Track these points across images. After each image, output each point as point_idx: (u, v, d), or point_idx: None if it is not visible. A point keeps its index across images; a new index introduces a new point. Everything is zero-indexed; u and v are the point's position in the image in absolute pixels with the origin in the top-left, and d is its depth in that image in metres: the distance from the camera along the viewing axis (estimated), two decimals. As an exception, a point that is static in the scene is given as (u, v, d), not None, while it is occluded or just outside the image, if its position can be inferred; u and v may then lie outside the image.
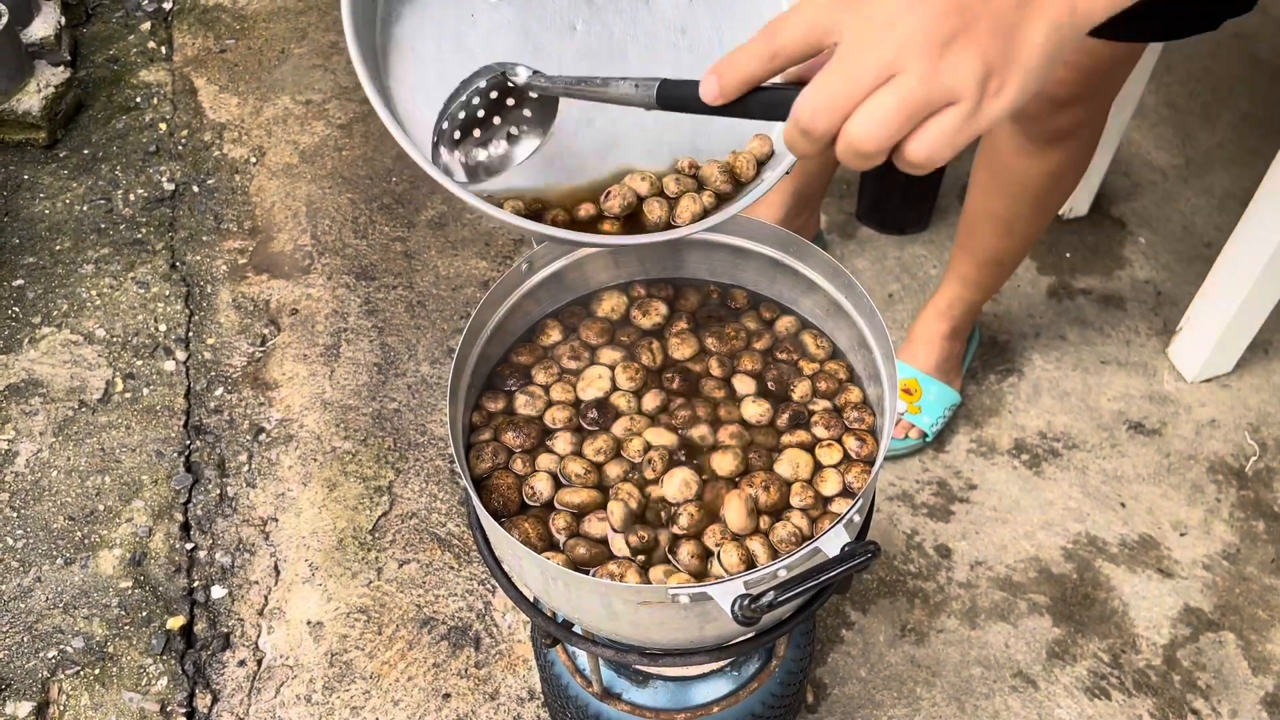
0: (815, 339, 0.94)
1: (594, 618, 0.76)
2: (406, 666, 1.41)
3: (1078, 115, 1.22)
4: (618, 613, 0.73)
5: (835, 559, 0.64)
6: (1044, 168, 1.30)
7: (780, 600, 0.62)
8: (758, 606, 0.62)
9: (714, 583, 0.67)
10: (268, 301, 1.81)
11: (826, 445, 0.85)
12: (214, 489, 1.58)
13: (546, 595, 0.77)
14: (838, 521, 0.70)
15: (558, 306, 0.97)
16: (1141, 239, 1.91)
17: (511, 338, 0.94)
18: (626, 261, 0.97)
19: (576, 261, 0.95)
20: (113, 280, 1.83)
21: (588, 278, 0.97)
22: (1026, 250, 1.47)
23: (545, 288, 0.94)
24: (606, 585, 0.70)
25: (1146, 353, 1.74)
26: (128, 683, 1.38)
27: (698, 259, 0.98)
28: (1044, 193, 1.34)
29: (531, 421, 0.88)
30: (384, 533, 1.53)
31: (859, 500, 0.73)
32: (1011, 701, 1.38)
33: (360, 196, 1.97)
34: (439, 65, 0.74)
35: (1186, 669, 1.41)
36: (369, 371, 1.72)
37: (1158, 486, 1.58)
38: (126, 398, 1.67)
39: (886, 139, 0.50)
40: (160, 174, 2.00)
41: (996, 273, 1.50)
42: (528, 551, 0.71)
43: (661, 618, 0.73)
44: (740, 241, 0.94)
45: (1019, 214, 1.38)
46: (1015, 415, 1.66)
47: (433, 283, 1.84)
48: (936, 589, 1.48)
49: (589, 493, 0.82)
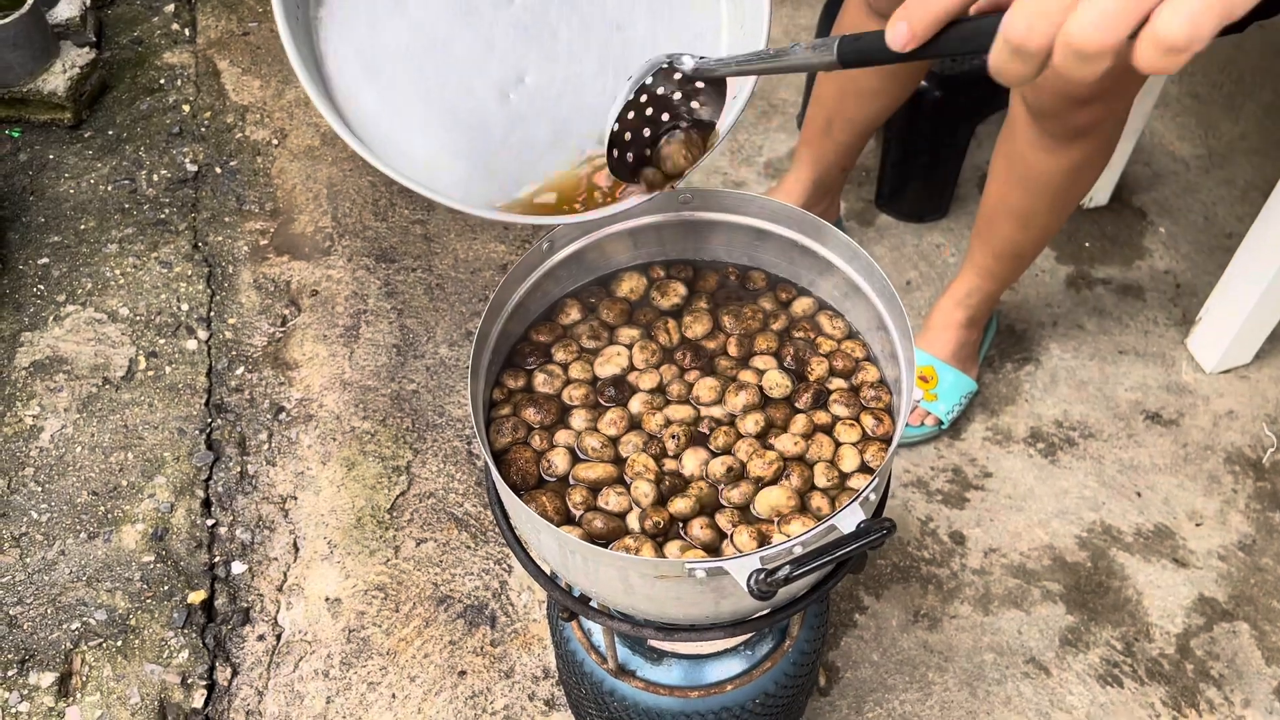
0: (831, 319, 0.94)
1: (610, 591, 0.77)
2: (423, 644, 1.43)
3: (1097, 113, 1.21)
4: (634, 586, 0.74)
5: (851, 535, 0.64)
6: (1062, 164, 1.29)
7: (796, 575, 0.62)
8: (773, 581, 0.63)
9: (730, 558, 0.68)
10: (288, 282, 1.83)
11: (845, 424, 0.86)
12: (235, 466, 1.60)
13: (564, 569, 0.78)
14: (854, 499, 0.71)
15: (577, 286, 0.98)
16: (1162, 229, 1.90)
17: (531, 316, 0.95)
18: (646, 242, 0.98)
19: (596, 242, 0.95)
20: (136, 260, 1.84)
21: (608, 258, 0.98)
22: (1045, 243, 1.47)
23: (565, 267, 0.95)
24: (624, 559, 0.71)
25: (1165, 343, 1.74)
26: (149, 655, 1.41)
27: (718, 240, 0.99)
28: (1062, 189, 1.33)
29: (550, 399, 0.89)
30: (402, 512, 1.55)
31: (875, 479, 0.73)
32: (1024, 688, 1.38)
33: (380, 179, 1.98)
34: (373, 31, 0.75)
35: (1200, 658, 1.41)
36: (388, 353, 1.73)
37: (1174, 476, 1.58)
38: (149, 376, 1.69)
39: (1119, 26, 0.44)
40: (183, 155, 2.01)
41: (1014, 265, 1.50)
42: (546, 524, 0.72)
43: (678, 592, 0.74)
44: (760, 223, 0.95)
45: (1037, 208, 1.38)
46: (1032, 404, 1.66)
47: (451, 266, 1.85)
48: (950, 575, 1.48)
49: (605, 467, 0.83)
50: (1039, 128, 1.27)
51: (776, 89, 2.16)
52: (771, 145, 2.05)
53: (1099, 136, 1.26)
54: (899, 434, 0.77)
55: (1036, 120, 1.26)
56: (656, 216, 0.95)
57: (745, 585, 0.66)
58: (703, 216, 0.96)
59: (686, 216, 0.96)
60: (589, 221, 0.87)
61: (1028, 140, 1.30)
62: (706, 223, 0.97)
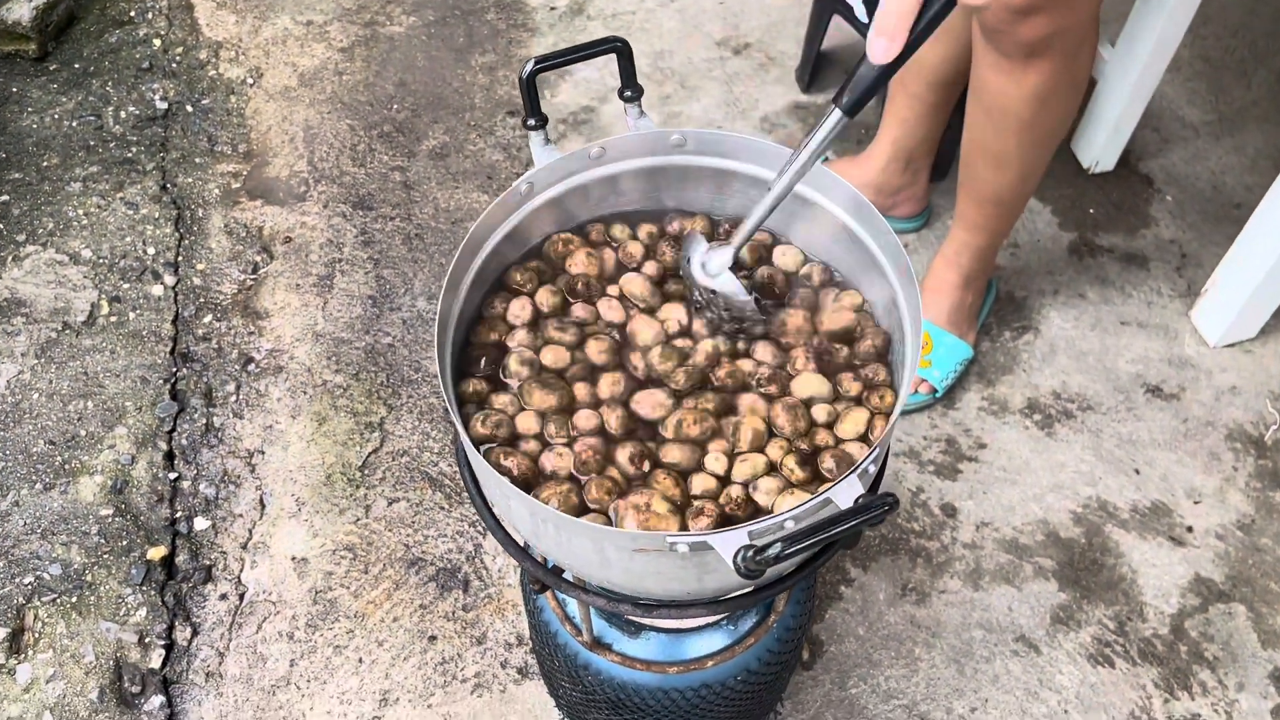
0: (823, 272, 0.88)
1: (585, 564, 0.71)
2: (392, 607, 1.37)
3: (1043, 26, 1.15)
4: (610, 559, 0.68)
5: (849, 511, 0.58)
6: (1023, 90, 1.24)
7: (787, 553, 0.57)
8: (763, 559, 0.57)
9: (716, 531, 0.62)
10: (261, 228, 1.75)
11: (845, 395, 0.80)
12: (200, 418, 1.53)
13: (536, 539, 0.72)
14: (851, 471, 0.65)
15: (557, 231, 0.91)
16: (1169, 197, 1.84)
17: (507, 263, 0.88)
18: (632, 189, 0.91)
19: (581, 187, 0.88)
20: (101, 200, 1.76)
21: (595, 204, 0.91)
22: (1026, 189, 1.41)
23: (546, 212, 0.88)
24: (599, 530, 0.65)
25: (1168, 315, 1.68)
26: (105, 612, 1.35)
27: (708, 189, 0.92)
28: (1029, 118, 1.28)
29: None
30: (374, 470, 1.49)
31: (875, 449, 0.67)
32: (1012, 665, 1.34)
33: (360, 123, 1.90)
34: None
35: (1194, 639, 1.37)
36: (363, 304, 1.66)
37: (1173, 452, 1.53)
38: (112, 321, 1.62)
39: None
40: (153, 92, 1.92)
41: (997, 213, 1.44)
42: (517, 491, 0.66)
43: (658, 567, 0.68)
44: (761, 171, 0.88)
45: (1009, 145, 1.33)
46: (1030, 374, 1.61)
47: (432, 215, 1.78)
48: (940, 549, 1.43)
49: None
50: (993, 47, 1.23)
51: (775, 40, 2.08)
52: (768, 99, 1.98)
53: (1055, 57, 1.20)
54: (900, 406, 0.71)
55: (989, 39, 1.22)
56: (646, 160, 0.88)
57: (732, 562, 0.60)
58: (696, 162, 0.89)
59: (679, 161, 0.89)
60: (571, 164, 0.81)
61: (986, 64, 1.26)
62: (700, 169, 0.89)
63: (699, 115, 1.94)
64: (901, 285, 0.79)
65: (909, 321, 0.75)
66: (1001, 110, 1.29)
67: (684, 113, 1.95)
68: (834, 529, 0.57)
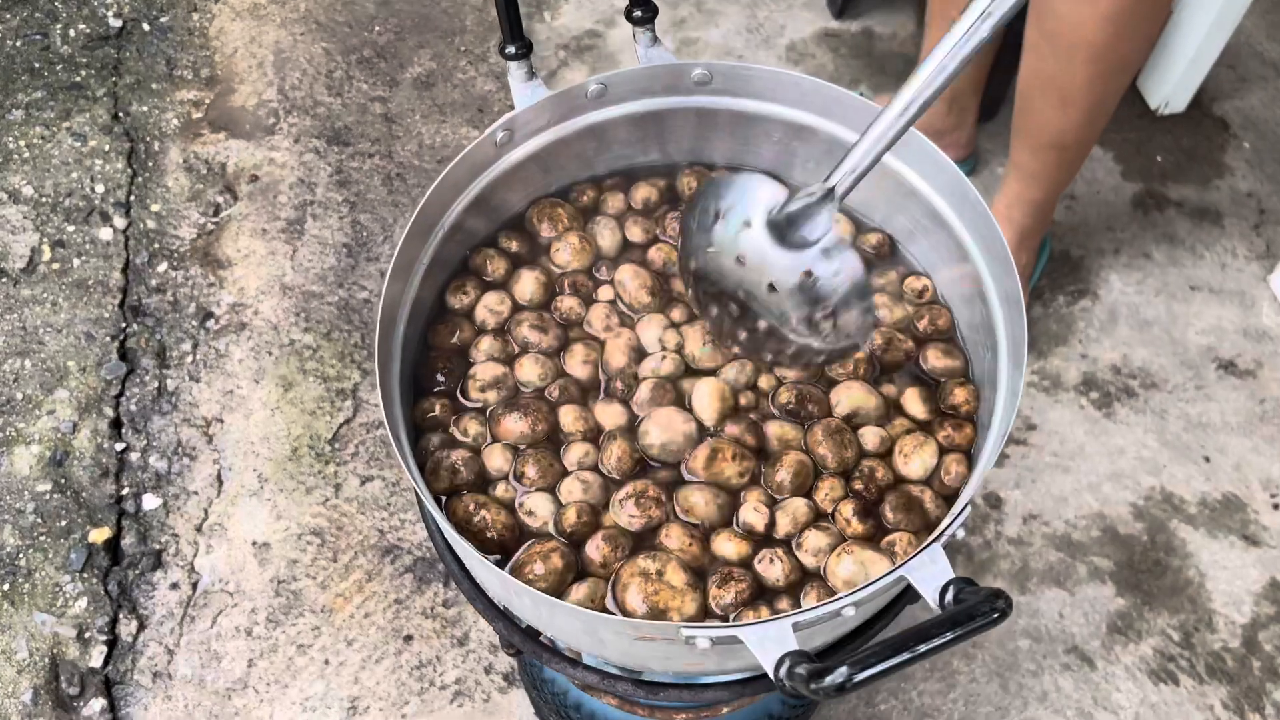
0: (884, 244, 0.70)
1: (574, 640, 0.54)
2: (364, 601, 1.23)
3: None
4: (606, 641, 0.51)
5: (942, 621, 0.41)
6: (1097, 9, 1.08)
7: (855, 682, 0.39)
8: (821, 688, 0.39)
9: (747, 624, 0.45)
10: (224, 164, 1.57)
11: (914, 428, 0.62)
12: (151, 381, 1.37)
13: (512, 605, 0.55)
14: (934, 538, 0.48)
15: (542, 193, 0.72)
16: (1246, 144, 1.66)
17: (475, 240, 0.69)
18: (643, 137, 0.72)
19: (575, 136, 0.70)
20: (45, 130, 1.58)
21: (591, 159, 0.72)
22: (1092, 133, 1.25)
23: (525, 169, 0.69)
24: (590, 616, 0.47)
25: (1244, 279, 1.51)
26: (40, 602, 1.22)
27: (740, 138, 0.73)
28: (1102, 46, 1.11)
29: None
30: (345, 443, 1.33)
31: (962, 511, 0.50)
32: (1063, 681, 1.19)
33: (336, 46, 1.71)
34: None
35: (1269, 654, 1.22)
36: (337, 253, 1.49)
37: (1248, 438, 1.37)
38: (54, 269, 1.45)
39: None
40: (105, 7, 1.74)
41: (1057, 160, 1.29)
42: (483, 561, 0.49)
43: (667, 653, 0.51)
44: (800, 115, 0.69)
45: (1076, 78, 1.17)
46: (1086, 345, 1.44)
47: (415, 152, 1.60)
48: (983, 545, 1.28)
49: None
50: None
51: (804, -41, 1.86)
52: (795, 25, 1.77)
53: None
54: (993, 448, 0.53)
55: None
56: (659, 101, 0.69)
57: (774, 676, 0.43)
58: (722, 104, 0.70)
59: (700, 103, 0.70)
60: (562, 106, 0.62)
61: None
62: (728, 113, 0.71)
63: (718, 43, 1.73)
64: (990, 268, 0.60)
65: (1004, 328, 0.57)
66: (1070, 35, 1.12)
67: (701, 39, 1.74)
68: (921, 646, 0.40)
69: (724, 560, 0.56)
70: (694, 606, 0.54)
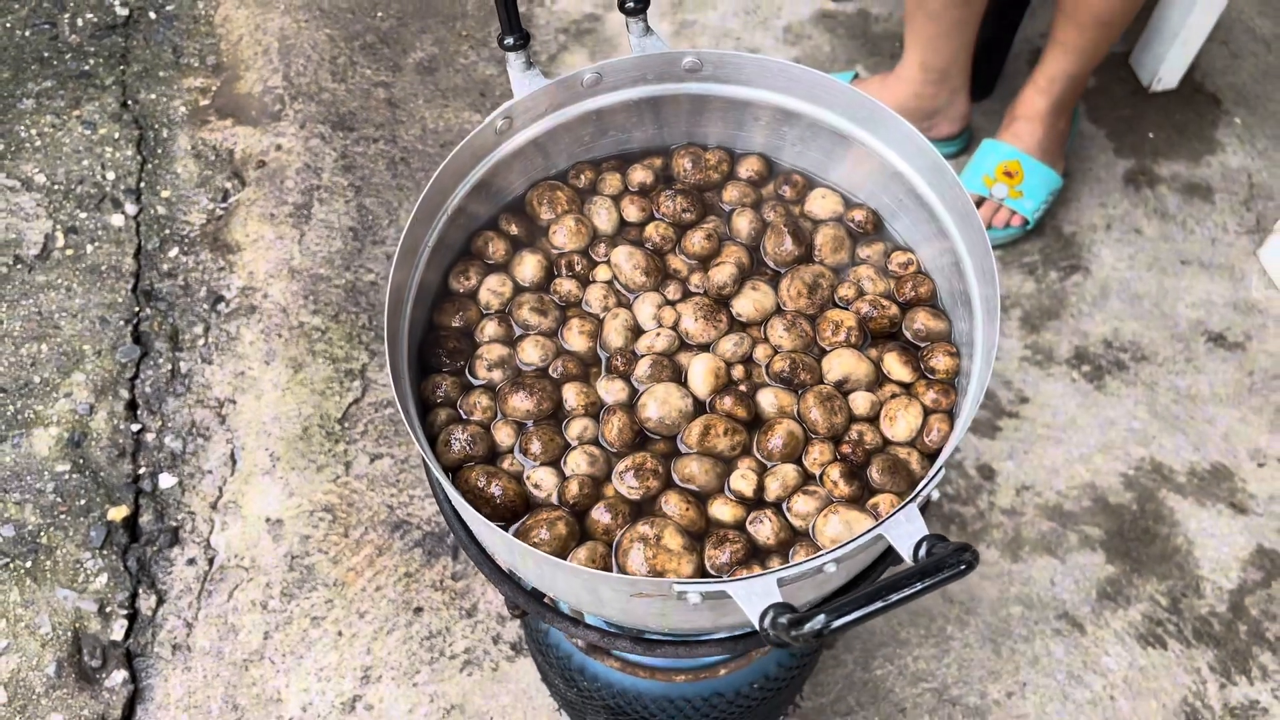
0: (871, 219, 0.73)
1: (575, 599, 0.58)
2: (375, 574, 1.26)
3: None
4: (604, 599, 0.55)
5: (915, 572, 0.44)
6: None
7: (834, 627, 0.43)
8: (801, 635, 0.43)
9: (734, 580, 0.49)
10: (232, 151, 1.59)
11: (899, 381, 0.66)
12: (165, 364, 1.40)
13: (516, 568, 0.59)
14: (910, 499, 0.51)
15: (542, 178, 0.75)
16: (1237, 120, 1.67)
17: (476, 224, 0.72)
18: (639, 123, 0.75)
19: (572, 122, 0.72)
20: (55, 118, 1.60)
21: (589, 145, 0.75)
22: (1135, 8, 1.34)
23: (526, 155, 0.72)
24: (590, 574, 0.51)
25: (1234, 254, 1.52)
26: (62, 578, 1.24)
27: (729, 123, 0.76)
28: None
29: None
30: (355, 422, 1.36)
31: (936, 473, 0.53)
32: (1054, 646, 1.22)
33: (340, 33, 1.73)
34: None
35: (1254, 618, 1.25)
36: (343, 236, 1.51)
37: (1236, 409, 1.39)
38: (68, 255, 1.48)
39: None
40: (112, -4, 1.75)
41: (1102, 35, 1.37)
42: (492, 527, 0.52)
43: (663, 609, 0.54)
44: (789, 101, 0.72)
45: None
46: (1078, 319, 1.46)
47: (419, 137, 1.61)
48: (976, 515, 1.31)
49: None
50: None
51: (801, -60, 1.87)
52: (792, 6, 1.79)
53: None
54: (970, 413, 0.56)
55: None
56: (650, 89, 0.72)
57: (759, 626, 0.46)
58: (714, 91, 0.73)
59: (692, 90, 0.73)
60: (559, 94, 0.65)
61: None
62: (719, 99, 0.73)
63: (715, 25, 1.75)
64: (968, 245, 0.63)
65: (980, 298, 0.60)
66: None
67: (699, 21, 1.76)
68: (893, 595, 0.44)
69: (719, 523, 0.59)
70: (690, 568, 0.57)
